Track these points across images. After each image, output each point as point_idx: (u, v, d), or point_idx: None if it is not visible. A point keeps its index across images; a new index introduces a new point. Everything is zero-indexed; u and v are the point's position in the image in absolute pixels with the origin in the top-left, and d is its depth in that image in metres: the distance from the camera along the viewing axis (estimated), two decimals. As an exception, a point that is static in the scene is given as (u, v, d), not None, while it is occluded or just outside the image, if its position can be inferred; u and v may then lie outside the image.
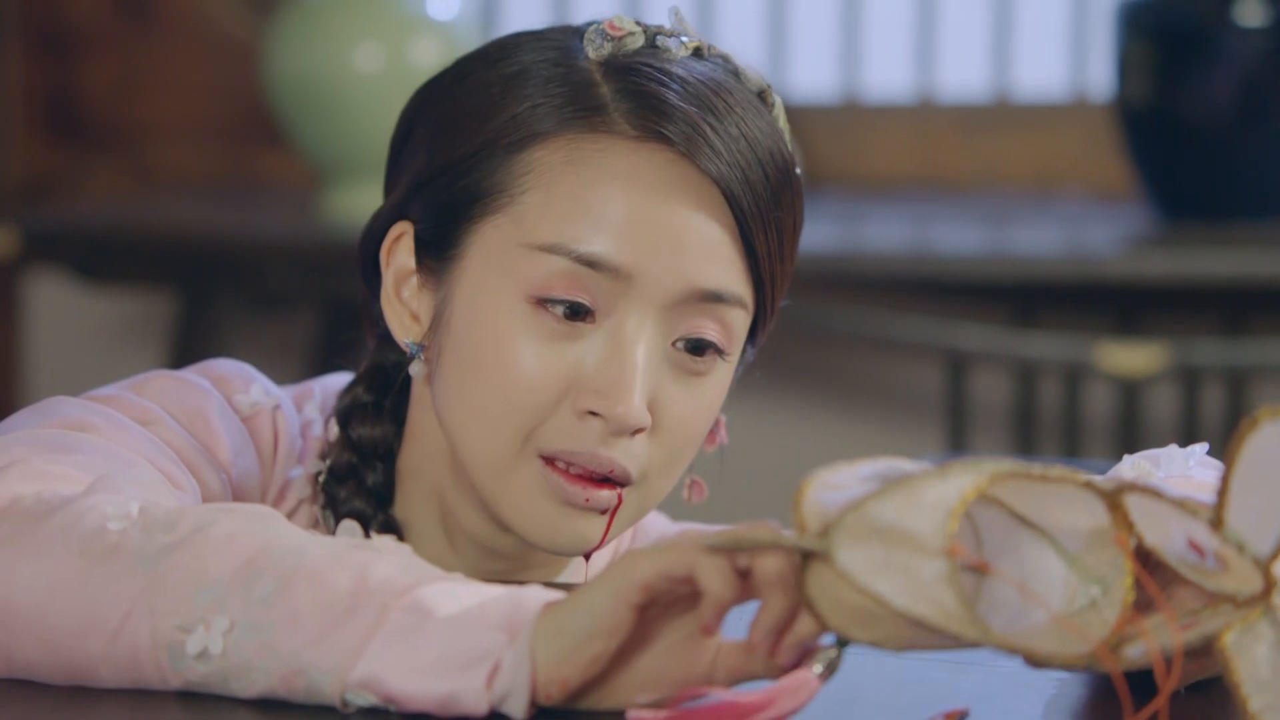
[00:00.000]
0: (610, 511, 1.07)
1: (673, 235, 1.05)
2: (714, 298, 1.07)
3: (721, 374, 1.09)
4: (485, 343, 1.07)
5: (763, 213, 1.07)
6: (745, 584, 0.85)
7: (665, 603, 0.86)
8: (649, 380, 1.06)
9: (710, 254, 1.06)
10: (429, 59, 2.45)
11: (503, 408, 1.06)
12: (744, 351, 1.12)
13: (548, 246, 1.05)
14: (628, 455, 1.06)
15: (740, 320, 1.09)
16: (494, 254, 1.07)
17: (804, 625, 0.85)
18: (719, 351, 1.08)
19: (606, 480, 1.06)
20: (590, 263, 1.05)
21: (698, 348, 1.07)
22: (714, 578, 0.84)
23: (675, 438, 1.08)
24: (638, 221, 1.05)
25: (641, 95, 1.06)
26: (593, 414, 1.05)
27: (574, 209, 1.06)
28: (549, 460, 1.06)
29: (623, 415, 1.05)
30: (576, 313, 1.06)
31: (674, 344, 1.07)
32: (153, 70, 2.98)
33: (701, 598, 0.85)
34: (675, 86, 1.07)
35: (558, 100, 1.07)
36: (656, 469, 1.08)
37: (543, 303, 1.06)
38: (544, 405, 1.06)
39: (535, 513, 1.07)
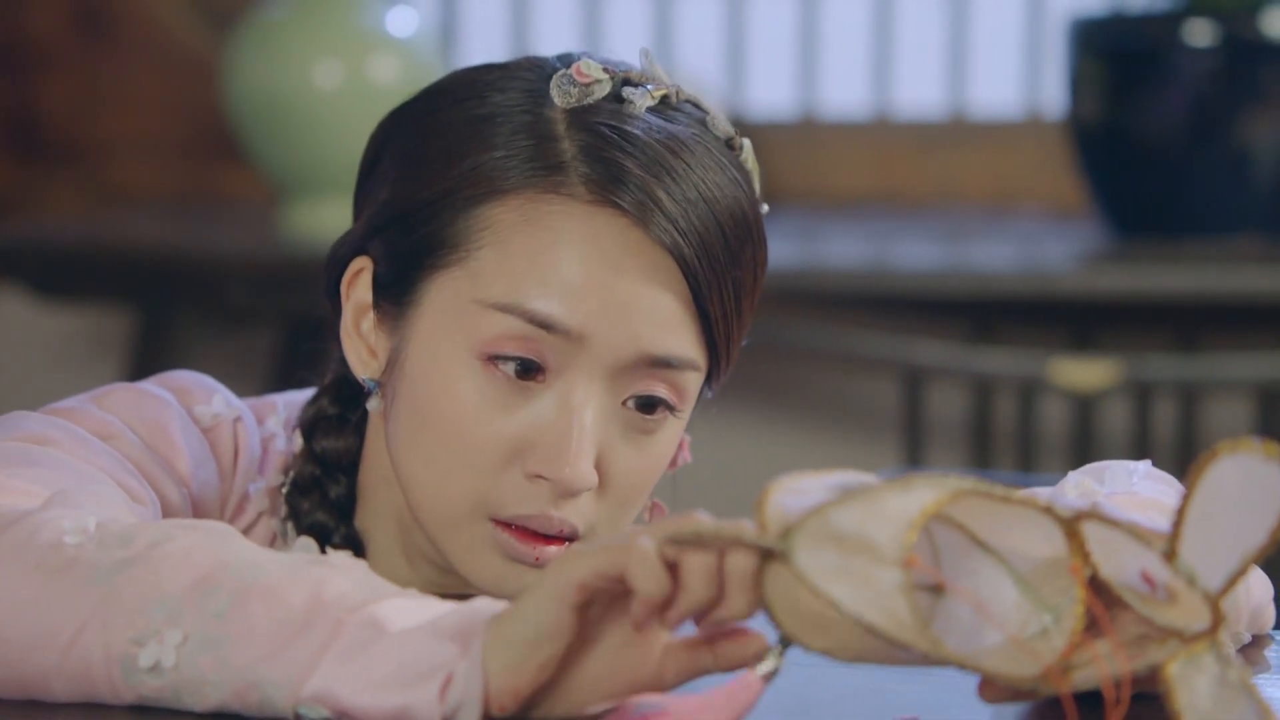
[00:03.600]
0: None
1: (625, 302, 1.06)
2: (664, 363, 1.08)
3: (671, 430, 1.10)
4: (436, 398, 1.08)
5: (719, 276, 1.08)
6: (676, 581, 0.86)
7: (607, 602, 0.87)
8: (596, 440, 1.07)
9: (662, 321, 1.07)
10: (388, 76, 2.46)
11: (452, 467, 1.07)
12: (700, 394, 1.13)
13: (501, 305, 1.06)
14: (576, 514, 1.08)
15: (693, 381, 1.10)
16: (448, 308, 1.08)
17: (733, 606, 0.85)
18: (670, 409, 1.09)
19: (555, 537, 1.08)
20: (542, 323, 1.06)
21: (648, 406, 1.09)
22: (644, 576, 0.85)
23: (622, 493, 1.09)
24: (591, 286, 1.06)
25: (599, 160, 1.07)
26: (541, 476, 1.07)
27: (529, 270, 1.06)
28: (500, 522, 1.08)
29: (570, 478, 1.06)
30: (527, 370, 1.07)
31: (624, 403, 1.08)
32: (112, 87, 2.98)
33: (632, 596, 0.86)
34: (634, 151, 1.07)
35: (520, 155, 1.08)
36: (604, 523, 1.09)
37: (494, 360, 1.07)
38: (493, 466, 1.07)
39: (484, 567, 1.09)
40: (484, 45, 2.97)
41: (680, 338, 1.08)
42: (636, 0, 2.95)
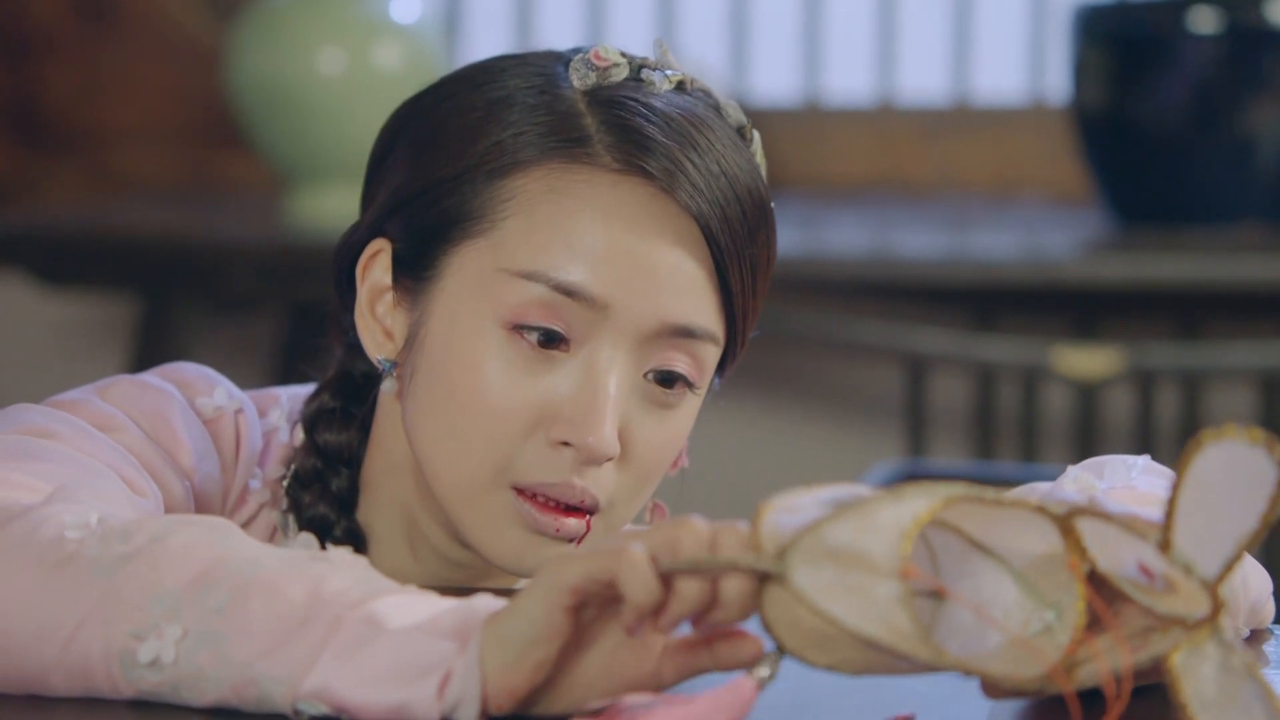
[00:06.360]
0: (578, 540, 1.08)
1: (650, 269, 1.07)
2: (686, 332, 1.08)
3: (689, 406, 1.11)
4: (459, 368, 1.08)
5: (738, 249, 1.09)
6: (666, 588, 0.86)
7: (603, 603, 0.87)
8: (619, 409, 1.07)
9: (685, 289, 1.08)
10: (391, 63, 2.46)
11: (475, 435, 1.07)
12: (711, 382, 1.14)
13: (526, 273, 1.07)
14: (596, 484, 1.08)
15: (711, 354, 1.10)
16: (472, 278, 1.08)
17: (728, 619, 0.86)
18: (688, 384, 1.10)
19: (575, 509, 1.08)
20: (568, 291, 1.06)
21: (668, 380, 1.09)
22: (635, 584, 0.85)
23: (642, 466, 1.09)
24: (616, 254, 1.07)
25: (625, 129, 1.08)
26: (565, 444, 1.07)
27: (554, 237, 1.07)
28: (521, 491, 1.08)
29: (594, 445, 1.06)
30: (551, 340, 1.07)
31: (645, 375, 1.09)
32: (114, 73, 2.98)
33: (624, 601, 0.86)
34: (658, 121, 1.08)
35: (541, 129, 1.08)
36: (623, 497, 1.09)
37: (518, 329, 1.07)
38: (516, 435, 1.07)
39: (503, 539, 1.09)
40: (488, 31, 2.97)
41: (702, 307, 1.08)
42: (640, -15, 2.95)
